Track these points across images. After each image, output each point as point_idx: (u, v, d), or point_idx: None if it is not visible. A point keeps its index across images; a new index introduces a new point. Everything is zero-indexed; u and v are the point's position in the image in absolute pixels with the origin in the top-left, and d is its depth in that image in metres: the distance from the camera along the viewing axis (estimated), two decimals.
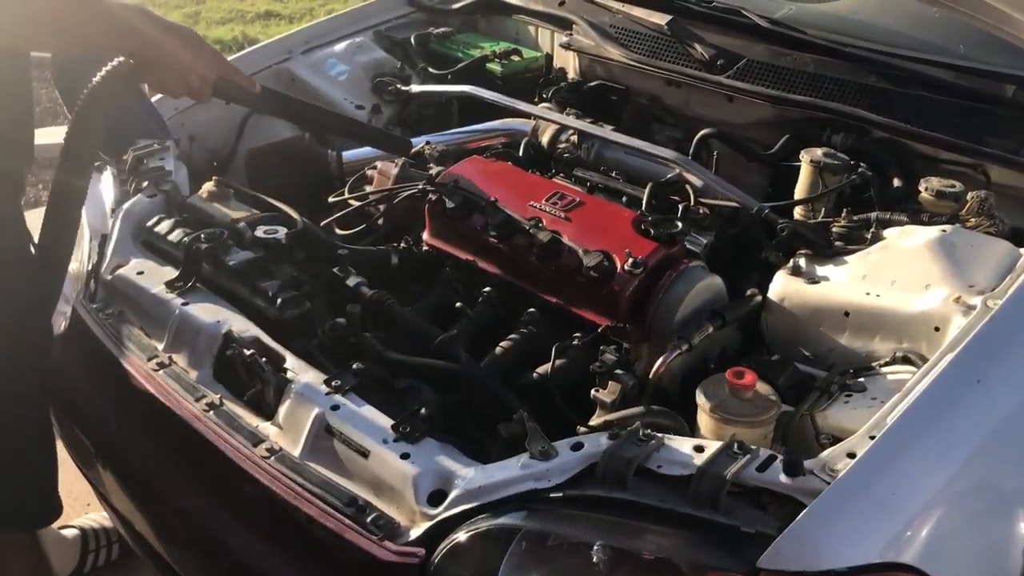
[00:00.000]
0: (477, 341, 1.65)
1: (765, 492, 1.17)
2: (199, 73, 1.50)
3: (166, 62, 1.46)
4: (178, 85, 1.50)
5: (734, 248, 1.84)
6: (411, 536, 1.28)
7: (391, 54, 2.62)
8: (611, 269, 1.61)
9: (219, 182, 1.98)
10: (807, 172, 1.91)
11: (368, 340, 1.59)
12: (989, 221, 1.70)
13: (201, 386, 1.59)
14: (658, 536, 1.16)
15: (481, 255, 1.78)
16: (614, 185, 2.01)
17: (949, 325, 1.43)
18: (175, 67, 1.48)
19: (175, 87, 1.50)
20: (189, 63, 1.49)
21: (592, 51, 2.43)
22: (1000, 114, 1.91)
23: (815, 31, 2.17)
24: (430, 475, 1.31)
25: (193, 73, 1.50)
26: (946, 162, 1.92)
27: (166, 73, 1.48)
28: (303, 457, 1.42)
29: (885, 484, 1.15)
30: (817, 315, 1.59)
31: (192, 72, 1.49)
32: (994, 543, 1.26)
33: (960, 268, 1.52)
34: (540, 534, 1.20)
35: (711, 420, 1.34)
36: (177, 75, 1.48)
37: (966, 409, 1.26)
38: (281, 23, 6.67)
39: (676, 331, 1.55)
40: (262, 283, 1.69)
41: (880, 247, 1.65)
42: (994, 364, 1.31)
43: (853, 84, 2.05)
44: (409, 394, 1.52)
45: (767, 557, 1.08)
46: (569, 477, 1.24)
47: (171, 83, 1.49)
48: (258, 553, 1.47)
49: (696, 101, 2.30)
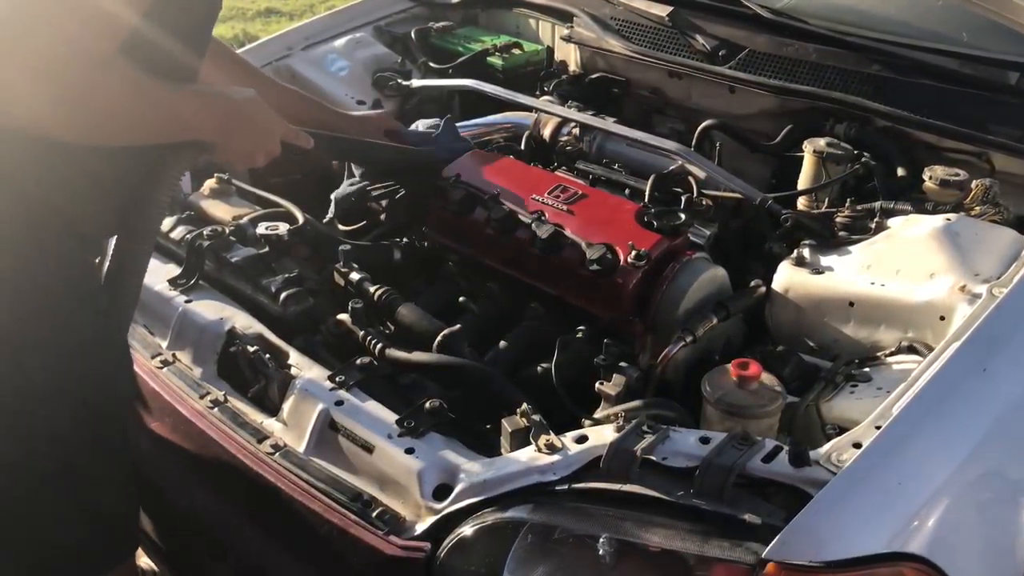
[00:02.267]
0: (481, 335, 1.65)
1: (771, 483, 1.17)
2: (267, 144, 1.45)
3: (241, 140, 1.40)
4: (246, 159, 1.44)
5: (738, 239, 1.84)
6: (416, 531, 1.28)
7: (392, 49, 2.62)
8: (614, 262, 1.60)
9: (221, 179, 1.98)
10: (810, 162, 1.90)
11: (371, 335, 1.58)
12: (994, 209, 1.70)
13: (205, 383, 1.59)
14: (663, 528, 1.15)
15: (484, 249, 1.77)
16: (616, 178, 2.01)
17: (954, 314, 1.42)
18: (248, 142, 1.42)
19: (243, 162, 1.45)
20: (262, 134, 1.43)
21: (593, 43, 2.42)
22: (1004, 102, 1.90)
23: (817, 21, 2.17)
24: (435, 470, 1.31)
25: (263, 146, 1.44)
26: (950, 151, 1.91)
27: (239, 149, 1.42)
28: (308, 453, 1.42)
29: (891, 474, 1.15)
30: (821, 305, 1.59)
31: (262, 144, 1.44)
32: (1001, 532, 1.25)
33: (965, 257, 1.51)
34: (546, 527, 1.20)
35: (716, 412, 1.34)
36: (248, 150, 1.43)
37: (972, 398, 1.26)
38: (282, 20, 6.67)
39: (680, 323, 1.55)
40: (265, 280, 1.69)
41: (884, 237, 1.64)
42: (1000, 353, 1.31)
43: (856, 73, 2.04)
44: (413, 389, 1.52)
45: (773, 548, 1.08)
46: (574, 470, 1.24)
47: (241, 158, 1.44)
48: (263, 549, 1.47)
49: (698, 92, 2.29)
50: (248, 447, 1.45)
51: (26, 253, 1.28)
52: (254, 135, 1.43)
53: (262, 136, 1.44)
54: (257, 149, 1.44)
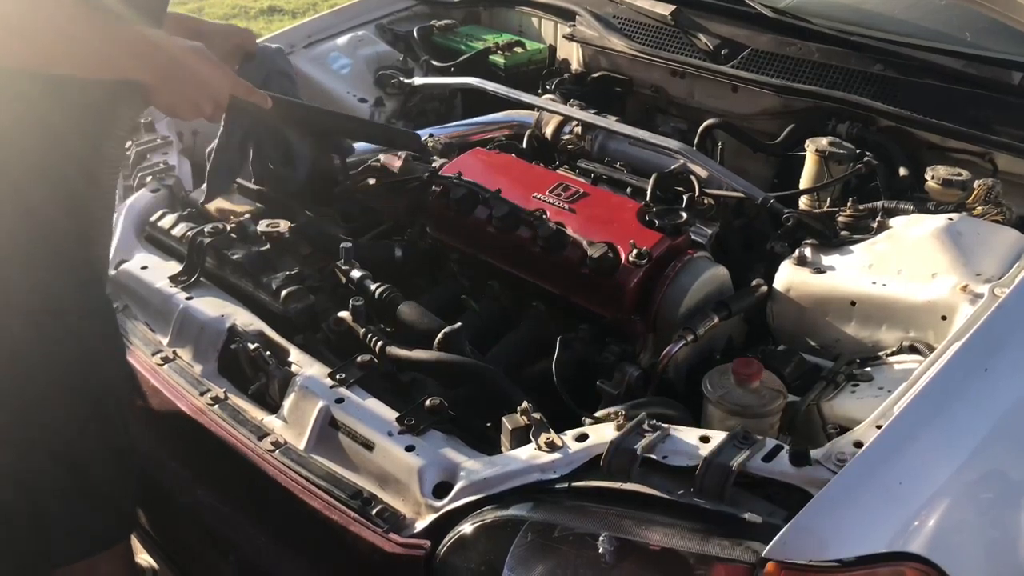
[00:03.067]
0: (482, 334, 1.65)
1: (771, 482, 1.17)
2: (213, 95, 1.42)
3: (183, 87, 1.37)
4: (191, 109, 1.41)
5: (739, 238, 1.84)
6: (417, 528, 1.28)
7: (394, 47, 2.62)
8: (616, 260, 1.60)
9: None
10: (813, 162, 1.90)
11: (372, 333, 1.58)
12: (996, 209, 1.69)
13: (206, 380, 1.59)
14: (664, 527, 1.15)
15: (485, 247, 1.77)
16: (618, 176, 2.00)
17: (956, 314, 1.42)
18: (191, 90, 1.39)
19: (188, 111, 1.41)
20: (205, 84, 1.40)
21: (595, 42, 2.42)
22: (1007, 102, 1.89)
23: (820, 20, 2.16)
24: (435, 467, 1.31)
25: (207, 96, 1.41)
26: (952, 150, 1.91)
27: (180, 98, 1.39)
28: (308, 450, 1.42)
29: (892, 474, 1.14)
30: (823, 305, 1.59)
31: (207, 95, 1.41)
32: (1002, 532, 1.25)
33: (967, 257, 1.51)
34: (546, 525, 1.20)
35: (717, 411, 1.34)
36: (192, 99, 1.39)
37: (973, 398, 1.25)
38: (284, 18, 6.67)
39: (681, 322, 1.55)
40: (266, 277, 1.69)
41: (886, 236, 1.64)
42: (1001, 353, 1.30)
43: (858, 73, 2.03)
44: (414, 387, 1.52)
45: (774, 548, 1.08)
46: (575, 468, 1.24)
47: (184, 107, 1.40)
48: (264, 546, 1.47)
49: (700, 91, 2.29)
50: (248, 444, 1.45)
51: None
52: (196, 83, 1.38)
53: (206, 86, 1.40)
54: (202, 99, 1.40)
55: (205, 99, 1.41)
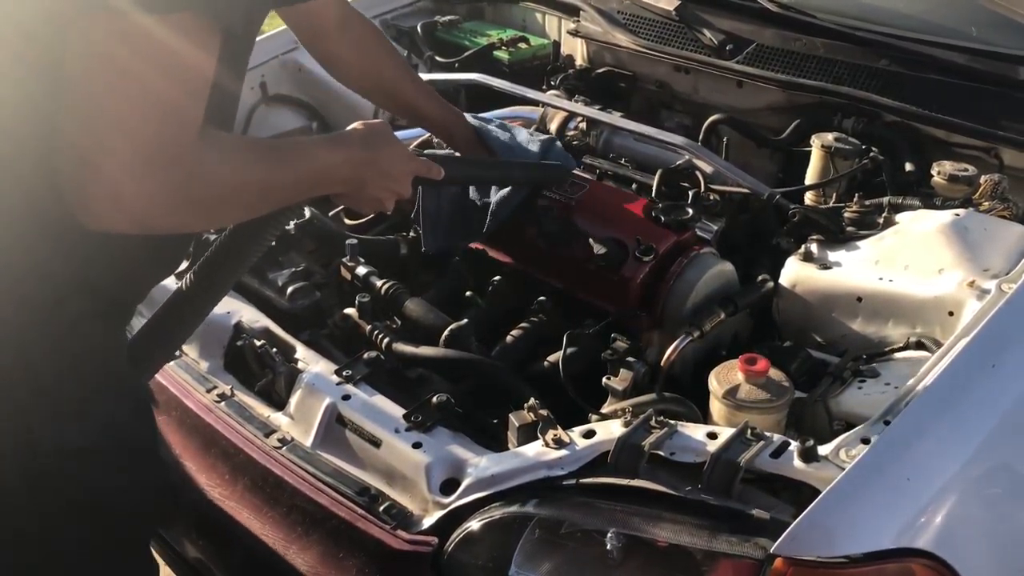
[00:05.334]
0: (488, 330, 1.65)
1: (779, 479, 1.17)
2: (396, 189, 1.33)
3: (364, 191, 1.28)
4: (374, 207, 1.33)
5: (745, 234, 1.83)
6: (424, 525, 1.28)
7: (398, 43, 2.61)
8: (622, 256, 1.60)
9: None
10: (818, 157, 1.89)
11: (378, 329, 1.58)
12: (1003, 205, 1.69)
13: (212, 377, 1.59)
14: (671, 523, 1.15)
15: (491, 243, 1.77)
16: (623, 172, 2.00)
17: (963, 309, 1.42)
18: (374, 191, 1.30)
19: (371, 209, 1.35)
20: (387, 184, 1.31)
21: (600, 38, 2.41)
22: (1013, 97, 1.89)
23: (825, 15, 2.15)
24: (442, 464, 1.31)
25: (390, 193, 1.32)
26: (959, 146, 1.90)
27: (363, 203, 1.32)
28: (315, 447, 1.42)
29: (900, 470, 1.14)
30: (829, 301, 1.58)
31: (390, 192, 1.32)
32: (1010, 528, 1.25)
33: (974, 252, 1.51)
34: (553, 522, 1.20)
35: (723, 407, 1.33)
36: (373, 200, 1.31)
37: (980, 394, 1.25)
38: None
39: (687, 318, 1.55)
40: (271, 273, 1.69)
41: (893, 232, 1.64)
42: (1009, 348, 1.30)
43: (864, 68, 2.03)
44: (420, 384, 1.52)
45: (782, 544, 1.08)
46: (582, 465, 1.24)
47: (368, 207, 1.33)
48: (270, 543, 1.47)
49: (705, 87, 2.28)
50: (255, 441, 1.45)
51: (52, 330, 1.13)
52: (387, 181, 1.31)
53: (395, 182, 1.32)
54: (385, 196, 1.32)
55: (388, 196, 1.33)
